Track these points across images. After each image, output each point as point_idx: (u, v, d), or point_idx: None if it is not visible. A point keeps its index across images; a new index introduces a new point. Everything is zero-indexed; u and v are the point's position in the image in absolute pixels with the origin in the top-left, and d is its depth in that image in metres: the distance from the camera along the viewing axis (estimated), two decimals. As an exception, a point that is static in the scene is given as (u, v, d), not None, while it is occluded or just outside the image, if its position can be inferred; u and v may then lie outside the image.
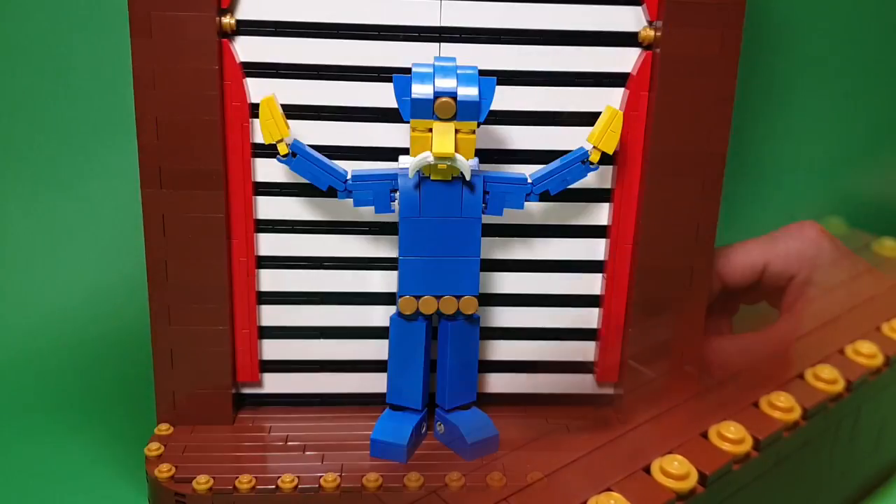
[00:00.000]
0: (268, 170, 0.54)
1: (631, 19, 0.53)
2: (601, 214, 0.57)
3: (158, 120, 0.51)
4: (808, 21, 0.84)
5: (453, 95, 0.48)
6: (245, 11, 0.52)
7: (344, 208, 0.55)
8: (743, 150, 0.86)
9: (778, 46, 0.85)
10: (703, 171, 0.54)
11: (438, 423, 0.56)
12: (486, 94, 0.49)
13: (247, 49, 0.52)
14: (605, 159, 0.55)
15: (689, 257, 0.55)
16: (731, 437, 0.47)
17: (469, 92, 0.48)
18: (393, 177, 0.51)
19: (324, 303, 0.57)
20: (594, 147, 0.52)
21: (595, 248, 0.57)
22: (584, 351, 0.60)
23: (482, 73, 0.52)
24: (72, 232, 0.81)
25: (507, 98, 0.54)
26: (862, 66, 0.87)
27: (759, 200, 0.88)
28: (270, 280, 0.57)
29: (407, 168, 0.51)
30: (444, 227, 0.51)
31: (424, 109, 0.48)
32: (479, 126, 0.50)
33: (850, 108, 0.88)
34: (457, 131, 0.49)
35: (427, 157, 0.49)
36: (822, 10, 0.84)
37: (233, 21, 0.51)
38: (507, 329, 0.59)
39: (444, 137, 0.48)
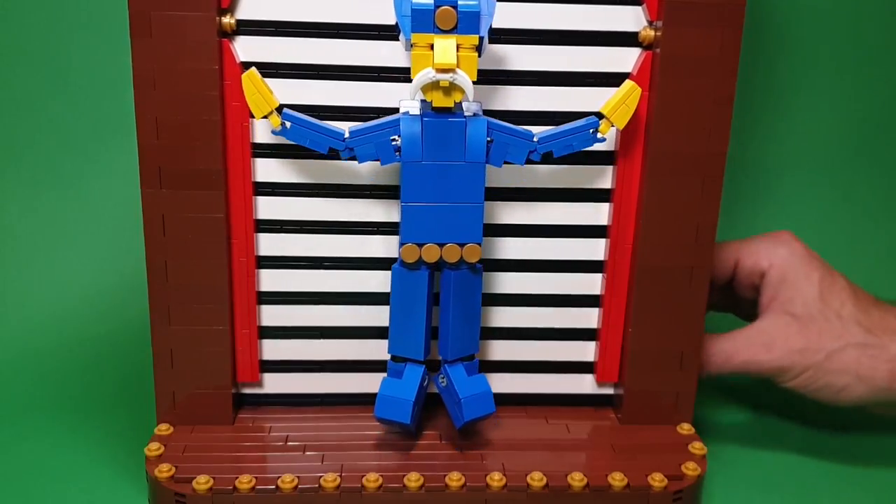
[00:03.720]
0: (268, 170, 0.54)
1: (631, 19, 0.53)
2: (601, 214, 0.57)
3: (158, 120, 0.51)
4: (808, 21, 0.84)
5: (454, 5, 0.47)
6: (245, 11, 0.52)
7: (344, 207, 0.55)
8: (743, 150, 0.86)
9: (778, 46, 0.85)
10: (703, 171, 0.54)
11: (441, 375, 0.55)
12: (487, 10, 0.48)
13: (247, 49, 0.52)
14: (606, 159, 0.56)
15: (689, 257, 0.55)
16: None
17: (470, 2, 0.48)
18: (394, 123, 0.50)
19: (324, 303, 0.57)
20: (606, 118, 0.52)
21: (595, 248, 0.57)
22: (584, 351, 0.60)
23: (483, 72, 0.53)
24: (72, 232, 0.81)
25: (507, 98, 0.54)
26: (862, 66, 0.87)
27: (759, 200, 0.88)
28: (270, 280, 0.57)
29: (407, 112, 0.51)
30: (447, 172, 0.50)
31: (425, 21, 0.47)
32: (480, 50, 0.49)
33: (850, 108, 0.88)
34: (458, 47, 0.48)
35: (428, 73, 0.48)
36: (822, 9, 0.84)
37: (233, 21, 0.51)
38: (508, 329, 0.59)
39: (445, 49, 0.47)
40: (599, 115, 0.52)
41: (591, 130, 0.52)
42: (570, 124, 0.52)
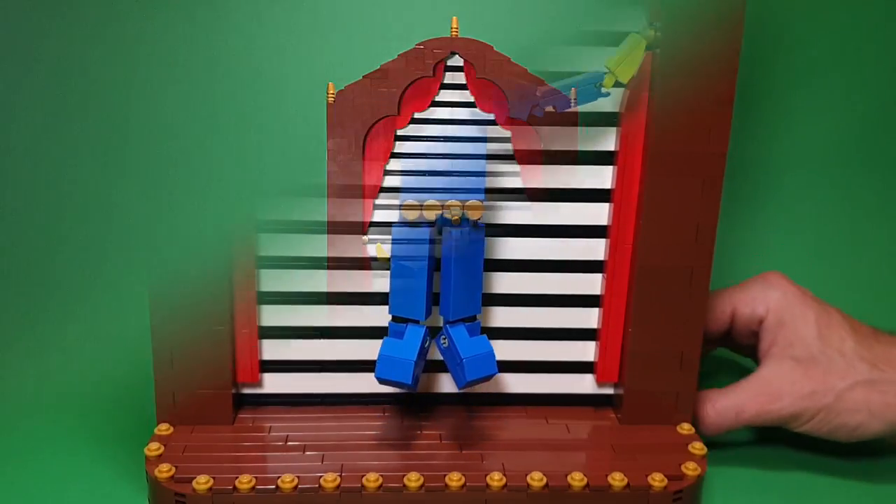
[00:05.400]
0: (268, 170, 0.54)
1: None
2: (601, 214, 0.57)
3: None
4: (808, 21, 0.84)
5: None
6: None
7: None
8: (743, 150, 0.86)
9: (778, 46, 0.85)
10: (703, 171, 0.54)
11: (443, 336, 0.54)
12: None
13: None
14: (606, 159, 0.56)
15: (689, 257, 0.55)
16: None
17: None
18: None
19: (324, 303, 0.57)
20: (610, 72, 0.51)
21: (595, 248, 0.57)
22: (584, 351, 0.60)
23: (482, 72, 0.53)
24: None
25: (507, 98, 0.54)
26: (862, 66, 0.87)
27: (759, 200, 0.88)
28: (270, 280, 0.57)
29: None
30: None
31: None
32: None
33: (850, 108, 0.88)
34: None
35: None
36: (822, 9, 0.84)
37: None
38: (507, 329, 0.59)
39: None
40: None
41: (595, 85, 0.52)
42: (574, 79, 0.52)
